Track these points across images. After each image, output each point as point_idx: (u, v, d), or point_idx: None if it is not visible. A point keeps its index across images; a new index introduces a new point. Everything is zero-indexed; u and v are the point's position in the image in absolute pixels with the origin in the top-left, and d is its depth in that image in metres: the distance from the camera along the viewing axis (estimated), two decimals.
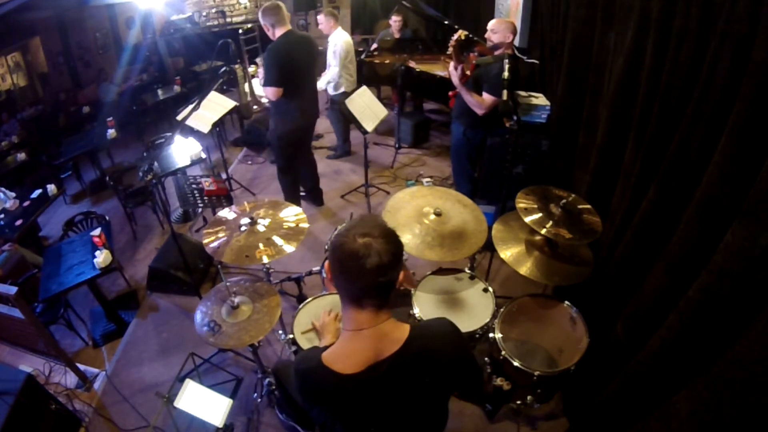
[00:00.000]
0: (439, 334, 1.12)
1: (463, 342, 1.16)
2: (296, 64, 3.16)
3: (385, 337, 1.04)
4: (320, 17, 4.35)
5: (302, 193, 4.04)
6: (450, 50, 2.90)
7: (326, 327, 1.74)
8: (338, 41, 4.24)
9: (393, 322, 1.08)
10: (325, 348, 1.10)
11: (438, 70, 4.60)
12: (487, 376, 2.13)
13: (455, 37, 2.84)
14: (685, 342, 1.48)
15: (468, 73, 2.97)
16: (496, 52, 2.89)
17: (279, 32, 3.08)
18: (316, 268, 3.07)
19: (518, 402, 2.12)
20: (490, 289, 2.24)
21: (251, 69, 5.35)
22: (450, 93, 3.36)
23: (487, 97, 2.93)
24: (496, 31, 2.89)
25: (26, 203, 3.70)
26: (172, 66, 7.45)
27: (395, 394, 1.04)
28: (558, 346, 2.05)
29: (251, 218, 2.20)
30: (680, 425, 1.40)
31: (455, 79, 2.99)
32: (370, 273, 0.96)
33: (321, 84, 4.45)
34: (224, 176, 4.42)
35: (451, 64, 2.99)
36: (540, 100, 3.52)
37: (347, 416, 1.06)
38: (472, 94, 2.96)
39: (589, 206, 2.20)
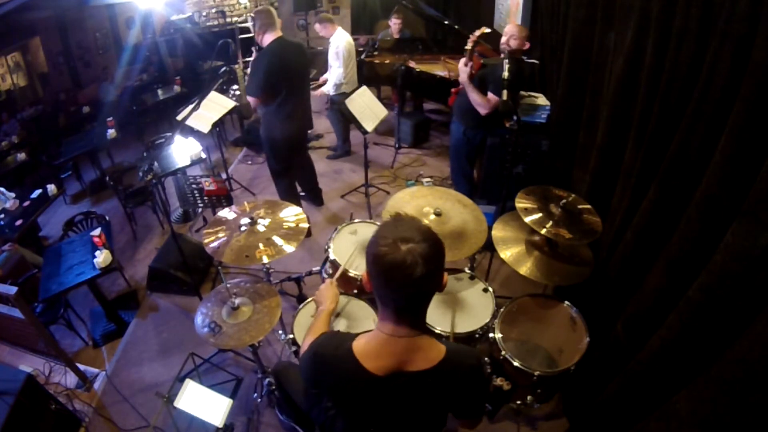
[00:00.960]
0: (468, 366, 1.08)
1: (485, 381, 1.17)
2: (286, 73, 3.02)
3: (417, 351, 1.03)
4: (317, 26, 4.34)
5: (302, 194, 4.04)
6: (468, 45, 2.87)
7: (324, 293, 1.67)
8: (340, 42, 4.24)
9: (428, 339, 1.05)
10: (354, 336, 1.08)
11: (438, 70, 4.61)
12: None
13: (477, 33, 2.81)
14: (685, 342, 1.48)
15: (473, 71, 2.96)
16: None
17: (269, 38, 2.96)
18: (316, 268, 3.07)
19: (518, 402, 2.12)
20: (490, 289, 2.23)
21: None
22: (453, 90, 3.35)
23: (491, 97, 2.92)
24: (516, 37, 2.86)
25: (26, 203, 3.69)
26: (172, 66, 7.45)
27: (407, 403, 1.04)
28: (558, 346, 2.05)
29: (251, 218, 2.20)
30: (680, 425, 1.40)
31: (463, 76, 2.97)
32: (417, 282, 0.92)
33: (328, 87, 4.45)
34: (224, 176, 4.43)
35: (462, 60, 2.97)
36: (540, 100, 3.52)
37: (353, 412, 1.06)
38: (478, 93, 2.95)
39: (589, 206, 2.19)
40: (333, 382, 1.06)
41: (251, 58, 3.52)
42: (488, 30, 2.80)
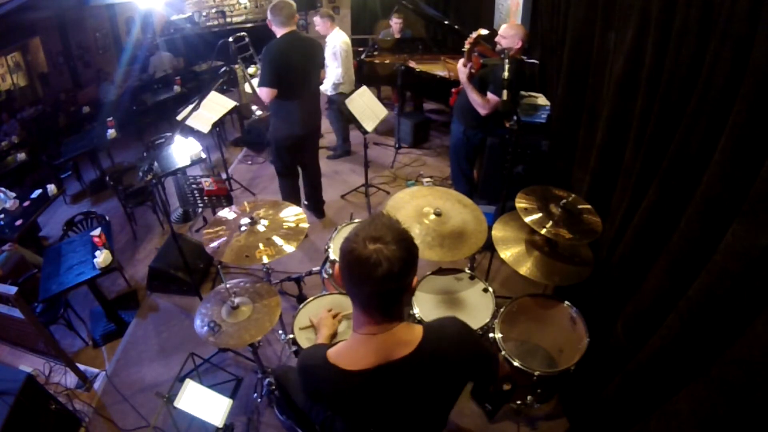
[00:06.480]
0: (452, 335, 1.08)
1: (475, 339, 1.14)
2: (293, 68, 3.04)
3: (395, 341, 1.02)
4: (316, 19, 4.33)
5: (305, 202, 3.96)
6: (466, 46, 2.87)
7: (323, 322, 1.73)
8: (337, 42, 4.23)
9: (405, 326, 1.05)
10: (330, 345, 1.09)
11: (438, 70, 4.60)
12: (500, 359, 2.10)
13: (474, 35, 2.82)
14: (685, 342, 1.48)
15: (473, 71, 2.97)
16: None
17: (278, 32, 3.03)
18: (316, 268, 3.07)
19: (518, 402, 2.12)
20: (490, 289, 2.23)
21: (251, 70, 5.32)
22: (453, 90, 3.35)
23: (491, 97, 2.91)
24: (505, 36, 2.87)
25: (26, 203, 3.69)
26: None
27: (401, 396, 1.04)
28: (558, 346, 2.06)
29: (251, 218, 2.20)
30: (680, 425, 1.40)
31: (463, 77, 2.97)
32: (380, 281, 0.93)
33: (326, 86, 4.44)
34: (224, 176, 4.42)
35: (461, 60, 2.97)
36: (540, 100, 3.52)
37: (348, 414, 1.05)
38: (477, 93, 2.95)
39: (589, 206, 2.20)
40: (320, 391, 1.07)
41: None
42: (485, 32, 2.80)
